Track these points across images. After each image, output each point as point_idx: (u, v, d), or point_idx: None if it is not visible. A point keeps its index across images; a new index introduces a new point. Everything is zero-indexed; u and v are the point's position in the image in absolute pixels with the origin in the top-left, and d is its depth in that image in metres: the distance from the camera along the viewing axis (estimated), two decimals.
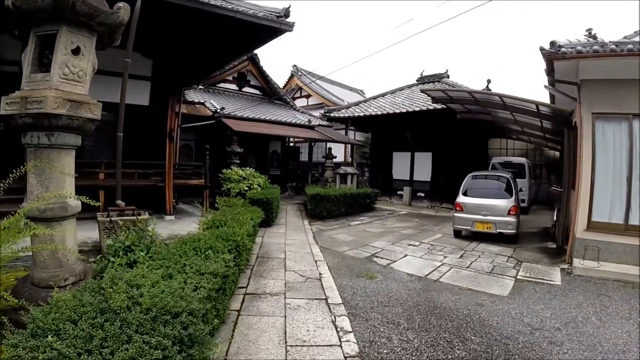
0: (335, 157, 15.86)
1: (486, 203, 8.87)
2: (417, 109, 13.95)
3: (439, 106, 13.70)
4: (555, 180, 16.92)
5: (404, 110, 14.14)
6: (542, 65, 7.10)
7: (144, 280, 2.61)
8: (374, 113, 15.08)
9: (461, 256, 7.43)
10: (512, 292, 5.41)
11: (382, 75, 75.37)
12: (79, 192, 3.86)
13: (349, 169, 13.79)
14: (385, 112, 14.73)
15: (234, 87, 18.47)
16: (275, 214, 9.81)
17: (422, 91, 10.22)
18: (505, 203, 8.79)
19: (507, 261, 7.11)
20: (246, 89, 18.99)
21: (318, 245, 7.79)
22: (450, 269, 6.50)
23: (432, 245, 8.34)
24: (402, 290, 5.34)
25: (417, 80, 19.31)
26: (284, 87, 27.29)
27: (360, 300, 4.84)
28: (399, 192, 16.44)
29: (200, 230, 5.07)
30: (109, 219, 6.24)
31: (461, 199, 9.27)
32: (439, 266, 6.68)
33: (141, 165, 9.24)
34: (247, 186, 10.24)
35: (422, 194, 15.92)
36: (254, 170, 11.20)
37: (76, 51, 4.02)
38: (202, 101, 15.09)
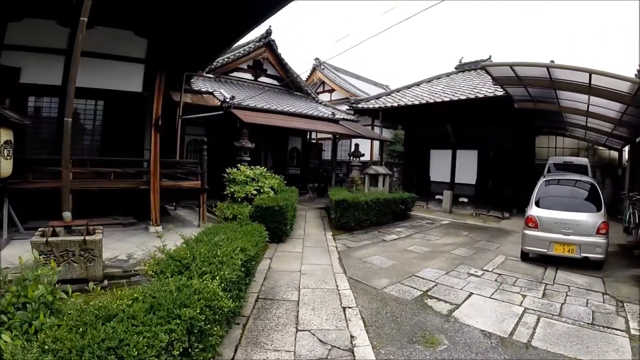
0: (363, 155, 13.71)
1: (568, 218, 6.58)
2: (463, 97, 11.59)
3: (490, 93, 11.36)
4: (611, 184, 14.36)
5: (447, 99, 11.80)
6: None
7: None
8: (409, 103, 12.77)
9: (544, 294, 5.25)
10: None
11: (408, 71, 71.96)
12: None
13: (380, 169, 11.58)
14: (423, 102, 12.42)
15: (248, 76, 16.53)
16: (289, 226, 7.73)
17: (483, 67, 7.93)
18: (592, 218, 6.52)
19: (604, 301, 5.00)
20: (262, 79, 17.01)
21: (346, 276, 5.63)
22: (538, 320, 4.36)
23: (499, 275, 6.10)
24: None
25: (455, 68, 16.92)
26: (305, 81, 25.37)
27: None
28: (437, 197, 14.09)
29: (148, 274, 3.01)
30: (44, 239, 4.34)
31: (535, 211, 6.94)
32: (522, 314, 4.52)
33: (119, 163, 7.38)
34: (255, 189, 8.23)
35: (465, 200, 13.51)
36: (265, 169, 9.18)
37: None
38: (210, 90, 13.22)
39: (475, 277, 5.95)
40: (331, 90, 26.97)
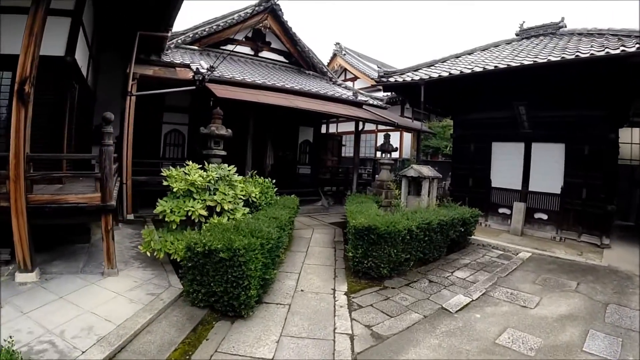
0: (395, 150, 9.76)
1: None
2: (555, 58, 7.46)
3: (598, 50, 7.18)
4: None
5: (530, 62, 7.65)
6: None
7: None
8: (467, 71, 8.65)
9: None
10: None
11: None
12: None
13: (425, 170, 7.56)
14: (490, 68, 8.27)
15: (246, 50, 12.84)
16: (254, 289, 3.79)
17: None
18: None
19: None
20: (265, 54, 13.30)
21: None
22: None
23: None
24: None
25: (516, 35, 12.73)
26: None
27: None
28: (500, 210, 9.93)
29: None
30: None
31: None
32: None
33: None
34: (205, 207, 4.50)
35: (544, 216, 9.23)
36: (233, 169, 5.37)
37: None
38: (186, 62, 9.64)
39: None
40: (354, 79, 23.61)
